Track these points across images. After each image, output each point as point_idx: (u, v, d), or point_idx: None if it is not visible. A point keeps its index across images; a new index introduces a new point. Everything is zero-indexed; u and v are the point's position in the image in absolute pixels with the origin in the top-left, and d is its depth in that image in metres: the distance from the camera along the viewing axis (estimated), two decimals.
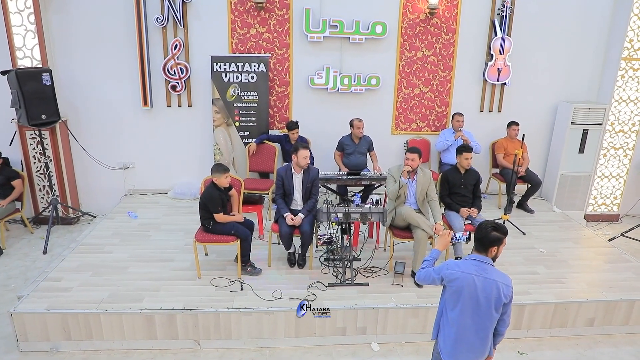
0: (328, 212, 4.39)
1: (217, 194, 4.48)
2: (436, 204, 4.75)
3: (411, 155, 4.61)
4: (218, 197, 4.47)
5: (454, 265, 2.76)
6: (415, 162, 4.61)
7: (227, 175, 4.48)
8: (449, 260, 2.84)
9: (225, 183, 4.48)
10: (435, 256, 3.00)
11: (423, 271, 2.90)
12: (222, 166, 4.51)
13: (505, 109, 6.98)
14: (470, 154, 4.98)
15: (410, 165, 4.59)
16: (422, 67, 6.73)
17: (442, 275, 2.76)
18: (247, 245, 4.59)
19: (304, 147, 4.67)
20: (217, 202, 4.46)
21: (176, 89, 6.50)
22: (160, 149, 6.81)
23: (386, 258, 4.98)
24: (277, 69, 6.59)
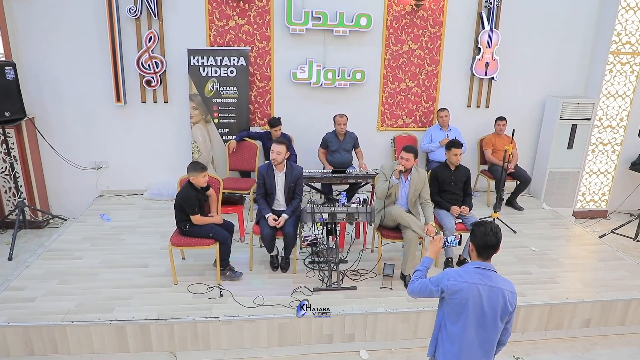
0: (313, 213, 4.13)
1: (193, 194, 4.18)
2: (430, 206, 4.53)
3: (406, 154, 4.37)
4: (194, 198, 4.18)
5: (456, 275, 2.49)
6: (409, 162, 4.38)
7: (204, 174, 4.19)
8: (449, 270, 2.56)
9: (202, 182, 4.19)
10: (427, 265, 2.73)
11: (417, 283, 2.62)
12: (199, 164, 4.22)
13: (493, 104, 6.81)
14: (460, 150, 4.77)
15: (405, 165, 4.35)
16: (408, 61, 6.52)
17: (442, 287, 2.49)
18: (226, 248, 4.31)
19: (277, 142, 4.40)
20: (194, 203, 4.17)
21: (151, 84, 6.17)
22: (135, 147, 6.46)
23: (374, 260, 4.74)
24: (258, 62, 6.31)
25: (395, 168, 4.36)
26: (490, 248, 2.46)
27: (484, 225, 2.50)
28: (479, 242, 2.47)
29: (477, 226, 2.50)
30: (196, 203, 4.18)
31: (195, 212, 4.18)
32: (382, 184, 4.46)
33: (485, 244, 2.45)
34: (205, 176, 4.21)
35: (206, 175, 4.23)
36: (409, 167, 4.42)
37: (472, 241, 2.50)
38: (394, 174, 4.34)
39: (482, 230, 2.47)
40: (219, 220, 4.40)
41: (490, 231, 2.44)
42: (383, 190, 4.39)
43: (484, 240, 2.45)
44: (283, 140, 4.52)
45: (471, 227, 2.54)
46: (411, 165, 4.43)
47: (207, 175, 4.24)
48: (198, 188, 4.24)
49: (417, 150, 4.48)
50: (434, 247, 2.78)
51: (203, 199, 4.33)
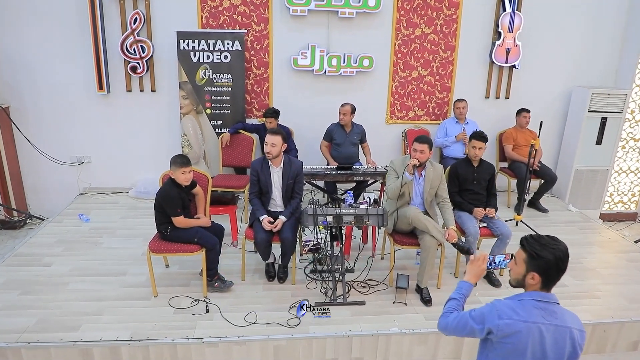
0: (314, 215, 3.53)
1: (175, 193, 3.59)
2: (449, 206, 3.92)
3: (420, 145, 3.76)
4: (177, 197, 3.59)
5: (510, 311, 1.85)
6: (424, 154, 3.77)
7: (184, 170, 3.58)
8: (498, 303, 1.90)
9: (182, 180, 3.59)
10: (466, 292, 2.11)
11: (452, 317, 2.00)
12: (181, 158, 3.62)
13: (514, 94, 6.19)
14: (484, 144, 4.15)
15: (419, 158, 3.75)
16: (421, 47, 5.90)
17: (489, 327, 1.86)
18: (214, 255, 3.72)
19: (271, 133, 3.79)
20: (176, 203, 3.58)
21: (137, 70, 5.58)
22: (120, 141, 5.88)
23: (385, 269, 4.14)
24: (255, 47, 5.71)
25: (408, 162, 3.76)
26: (560, 275, 1.86)
27: (555, 245, 1.85)
28: (549, 270, 1.84)
29: (543, 247, 1.85)
30: (179, 203, 3.59)
31: (177, 213, 3.59)
32: (393, 182, 3.86)
33: (558, 271, 1.84)
34: (187, 172, 3.60)
35: (190, 171, 3.62)
36: (424, 160, 3.81)
37: (535, 268, 1.86)
38: (407, 169, 3.73)
39: (554, 253, 1.83)
40: (207, 222, 3.80)
41: (563, 254, 1.83)
42: (395, 188, 3.78)
43: (557, 267, 1.83)
44: (279, 130, 3.92)
45: (531, 249, 1.87)
46: (426, 158, 3.83)
47: (191, 171, 3.63)
48: (181, 185, 3.65)
49: (432, 141, 3.88)
50: (475, 269, 2.13)
51: (187, 198, 3.74)
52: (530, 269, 1.86)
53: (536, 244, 1.86)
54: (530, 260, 1.86)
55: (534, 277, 1.86)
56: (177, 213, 3.58)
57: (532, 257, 1.86)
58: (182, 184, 3.63)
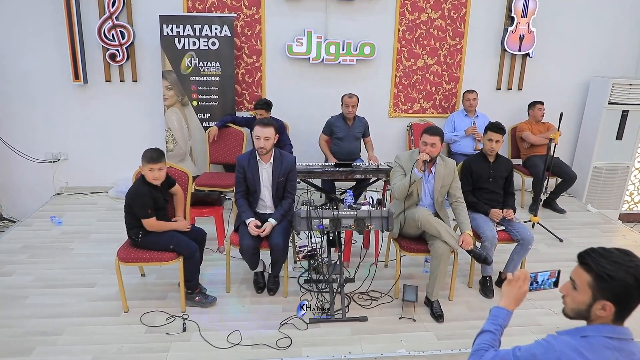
0: (309, 218, 3.04)
1: (145, 191, 3.10)
2: (463, 207, 3.44)
3: (431, 138, 3.28)
4: (147, 195, 3.10)
5: (575, 354, 1.36)
6: (435, 147, 3.29)
7: (152, 166, 3.07)
8: (556, 340, 1.42)
9: (150, 178, 3.09)
10: (503, 322, 1.62)
11: (488, 357, 1.51)
12: (152, 152, 3.11)
13: (528, 85, 5.71)
14: (500, 136, 3.66)
15: (430, 152, 3.26)
16: (427, 33, 5.42)
17: None
18: (193, 265, 3.23)
19: (262, 124, 3.30)
20: (146, 202, 3.09)
21: (116, 58, 5.09)
22: (99, 136, 5.40)
23: (390, 278, 3.66)
24: (246, 33, 5.22)
25: (417, 157, 3.27)
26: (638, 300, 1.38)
27: (632, 262, 1.37)
28: (628, 297, 1.36)
29: (616, 266, 1.36)
30: (149, 202, 3.10)
31: (147, 214, 3.09)
32: (399, 180, 3.37)
33: (639, 298, 1.36)
34: (155, 170, 3.07)
35: (160, 168, 3.10)
36: (435, 154, 3.33)
37: (607, 295, 1.38)
38: (417, 165, 3.25)
39: (633, 272, 1.35)
40: (184, 226, 3.31)
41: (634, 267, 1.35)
42: (403, 187, 3.29)
43: (638, 292, 1.35)
44: (270, 120, 3.43)
45: (600, 268, 1.38)
46: (438, 152, 3.34)
47: (162, 168, 3.12)
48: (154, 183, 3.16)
49: (443, 133, 3.39)
50: (515, 291, 1.64)
51: (163, 198, 3.24)
52: (600, 295, 1.38)
53: (605, 262, 1.37)
54: (598, 283, 1.37)
55: (606, 306, 1.37)
56: (146, 214, 3.09)
57: (602, 280, 1.37)
58: (150, 181, 3.13)
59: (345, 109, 4.74)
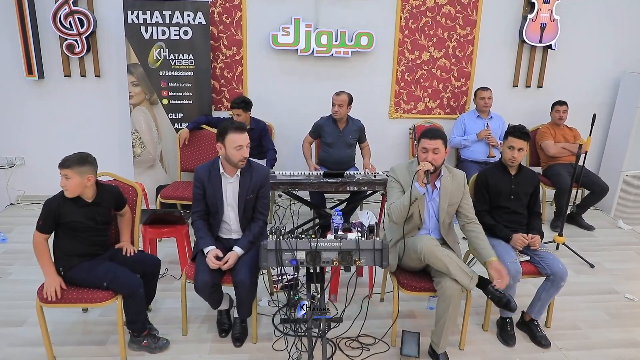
0: (278, 251, 2.34)
1: (55, 205, 2.45)
2: (479, 229, 2.74)
3: (431, 142, 2.59)
4: (54, 208, 2.44)
5: None
6: (439, 154, 2.60)
7: (60, 171, 2.40)
8: None
9: (65, 186, 2.42)
10: None
11: None
12: (68, 156, 2.45)
13: (549, 82, 5.00)
14: (524, 143, 2.95)
15: (433, 160, 2.57)
16: (434, 22, 4.71)
17: None
18: (136, 304, 2.54)
19: (236, 130, 2.62)
20: (46, 213, 2.46)
21: (74, 50, 4.42)
22: (60, 138, 4.75)
23: (386, 316, 2.98)
24: (224, 21, 4.54)
25: (418, 168, 2.58)
26: None
27: None
28: None
29: None
30: (50, 215, 2.44)
31: (39, 225, 2.46)
32: (397, 198, 2.67)
33: None
34: (62, 177, 2.41)
35: (67, 175, 2.40)
36: (439, 163, 2.63)
37: None
38: (417, 178, 2.55)
39: None
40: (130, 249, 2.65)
41: None
42: (402, 208, 2.59)
43: None
44: (242, 124, 2.73)
45: None
46: (442, 160, 2.65)
47: (69, 176, 2.42)
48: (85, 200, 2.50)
49: (445, 135, 2.70)
50: None
51: (89, 217, 2.53)
52: None
53: None
54: None
55: None
56: (38, 225, 2.46)
57: None
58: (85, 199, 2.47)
59: (332, 109, 4.06)
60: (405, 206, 2.57)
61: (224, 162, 2.70)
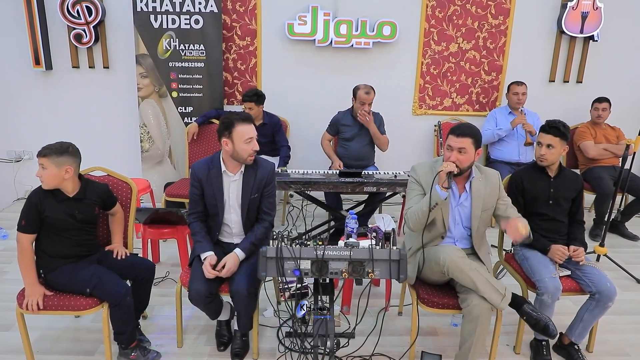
0: (279, 259, 2.05)
1: (36, 199, 2.24)
2: None
3: (458, 140, 2.27)
4: (35, 204, 2.23)
5: None
6: (465, 155, 2.27)
7: (43, 160, 2.20)
8: None
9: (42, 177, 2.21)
10: None
11: None
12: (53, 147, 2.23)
13: (590, 77, 4.59)
14: (554, 139, 2.55)
15: (457, 160, 2.25)
16: (463, 10, 4.36)
17: None
18: (123, 313, 2.29)
19: (244, 121, 2.35)
20: (27, 210, 2.25)
21: (82, 39, 4.24)
22: (67, 131, 4.56)
23: (404, 332, 2.66)
24: (237, 9, 4.29)
25: (439, 169, 2.25)
26: None
27: None
28: None
29: None
30: (32, 213, 2.22)
31: (21, 225, 2.24)
32: (416, 202, 2.35)
33: None
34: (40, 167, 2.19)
35: (44, 165, 2.19)
36: (466, 164, 2.29)
37: None
38: (439, 180, 2.23)
39: None
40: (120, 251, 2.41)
41: None
42: (420, 214, 2.27)
43: None
44: (248, 118, 2.44)
45: None
46: (469, 162, 2.30)
47: (45, 165, 2.19)
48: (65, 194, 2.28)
49: (477, 133, 2.34)
50: None
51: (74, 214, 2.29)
52: None
53: None
54: None
55: None
56: (20, 226, 2.24)
57: None
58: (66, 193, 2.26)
59: (359, 107, 3.74)
60: (424, 212, 2.25)
61: (227, 158, 2.43)
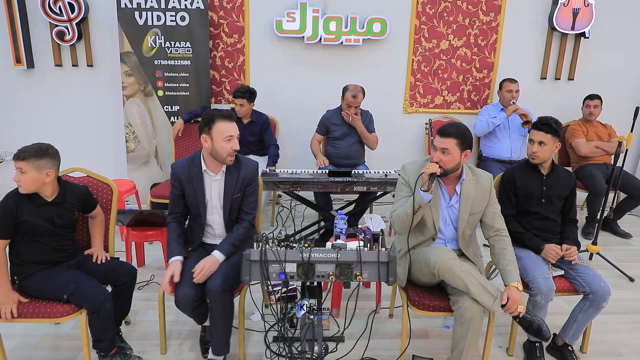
0: (264, 262, 1.97)
1: (11, 203, 2.13)
2: (507, 243, 2.32)
3: (441, 140, 2.20)
4: (9, 209, 2.11)
5: None
6: (450, 156, 2.19)
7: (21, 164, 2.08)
8: None
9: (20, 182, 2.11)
10: None
11: None
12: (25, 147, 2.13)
13: (581, 74, 4.55)
14: (545, 136, 2.49)
15: (440, 161, 2.18)
16: (454, 7, 4.30)
17: None
18: (102, 320, 2.20)
19: (225, 118, 2.27)
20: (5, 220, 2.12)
21: (65, 37, 4.13)
22: (50, 131, 4.47)
23: (395, 335, 2.60)
24: (224, 6, 4.20)
25: (422, 170, 2.18)
26: None
27: None
28: None
29: None
30: (9, 222, 2.11)
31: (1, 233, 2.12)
32: (401, 204, 2.28)
33: None
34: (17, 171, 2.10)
35: (22, 169, 2.09)
36: (451, 166, 2.21)
37: None
38: (421, 181, 2.16)
39: None
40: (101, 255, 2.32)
41: None
42: (404, 217, 2.20)
43: None
44: (230, 115, 2.36)
45: None
46: (454, 164, 2.22)
47: (23, 169, 2.09)
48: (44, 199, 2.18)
49: (465, 134, 2.24)
50: None
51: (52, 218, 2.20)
52: None
53: None
54: None
55: None
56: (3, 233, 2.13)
57: None
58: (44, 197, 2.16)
59: (346, 109, 3.67)
60: (408, 215, 2.18)
61: (208, 157, 2.34)
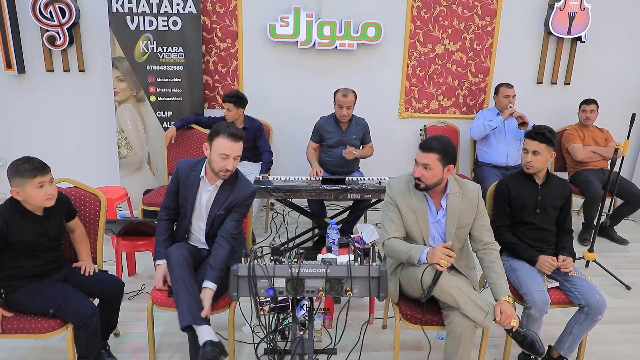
0: (252, 278, 1.93)
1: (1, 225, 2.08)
2: (495, 256, 2.27)
3: (423, 156, 2.15)
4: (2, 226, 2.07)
5: None
6: (431, 171, 2.14)
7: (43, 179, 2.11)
8: None
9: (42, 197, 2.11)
10: None
11: None
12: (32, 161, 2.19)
13: (578, 79, 4.51)
14: (539, 146, 2.46)
15: (422, 175, 2.15)
16: (449, 11, 4.27)
17: None
18: (88, 335, 2.16)
19: (229, 135, 2.21)
20: None
21: (56, 42, 4.09)
22: (42, 137, 4.44)
23: (387, 348, 2.57)
24: (217, 10, 4.16)
25: (434, 261, 2.08)
26: None
27: None
28: None
29: None
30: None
31: None
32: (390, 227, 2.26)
33: None
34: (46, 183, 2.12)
35: (52, 180, 2.09)
36: (432, 181, 2.17)
37: None
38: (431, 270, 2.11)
39: None
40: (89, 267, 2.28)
41: None
42: (396, 256, 2.22)
43: None
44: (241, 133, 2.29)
45: None
46: (436, 179, 2.18)
47: (52, 180, 2.08)
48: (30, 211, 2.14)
49: (447, 149, 2.18)
50: None
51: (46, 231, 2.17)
52: None
53: None
54: None
55: None
56: None
57: None
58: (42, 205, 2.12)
59: (338, 111, 3.63)
60: (399, 258, 2.20)
61: (208, 166, 2.32)
